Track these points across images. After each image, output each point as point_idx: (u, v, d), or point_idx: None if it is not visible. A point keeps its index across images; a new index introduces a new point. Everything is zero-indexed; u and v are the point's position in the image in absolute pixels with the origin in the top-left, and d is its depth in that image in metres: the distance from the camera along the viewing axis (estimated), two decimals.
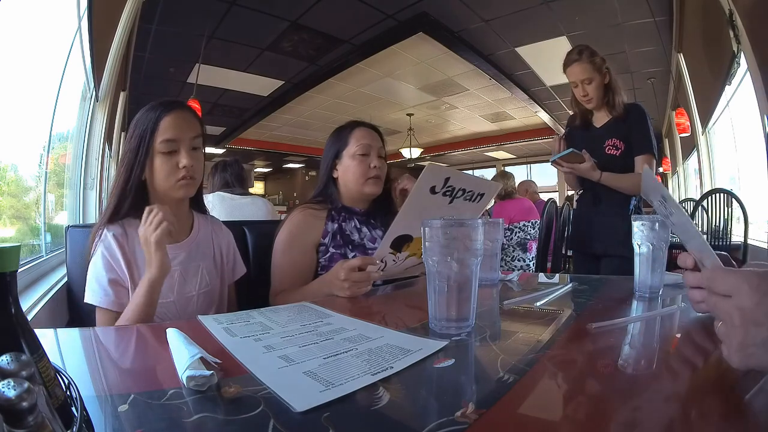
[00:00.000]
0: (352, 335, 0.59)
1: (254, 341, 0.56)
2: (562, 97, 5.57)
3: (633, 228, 0.82)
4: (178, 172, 0.89)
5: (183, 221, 0.99)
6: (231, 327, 0.63)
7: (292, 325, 0.64)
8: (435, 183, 0.85)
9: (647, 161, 1.60)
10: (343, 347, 0.53)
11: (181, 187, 0.90)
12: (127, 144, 0.91)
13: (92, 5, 2.30)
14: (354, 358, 0.49)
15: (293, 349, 0.52)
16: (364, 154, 1.14)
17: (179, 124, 0.90)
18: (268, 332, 0.60)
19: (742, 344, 0.39)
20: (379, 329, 0.62)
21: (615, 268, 1.61)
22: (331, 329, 0.62)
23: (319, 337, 0.58)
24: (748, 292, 0.38)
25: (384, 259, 0.93)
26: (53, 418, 0.25)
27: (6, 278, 0.28)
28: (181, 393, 0.41)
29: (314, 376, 0.44)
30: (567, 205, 3.72)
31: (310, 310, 0.75)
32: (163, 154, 0.89)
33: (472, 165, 10.42)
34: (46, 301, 1.12)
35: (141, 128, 0.89)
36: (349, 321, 0.67)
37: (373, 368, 0.46)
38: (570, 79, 1.66)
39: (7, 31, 1.62)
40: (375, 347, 0.53)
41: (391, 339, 0.57)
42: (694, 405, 0.41)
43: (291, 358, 0.49)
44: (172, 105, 0.91)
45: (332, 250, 1.12)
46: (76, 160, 2.75)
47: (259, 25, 3.83)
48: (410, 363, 0.48)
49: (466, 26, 4.06)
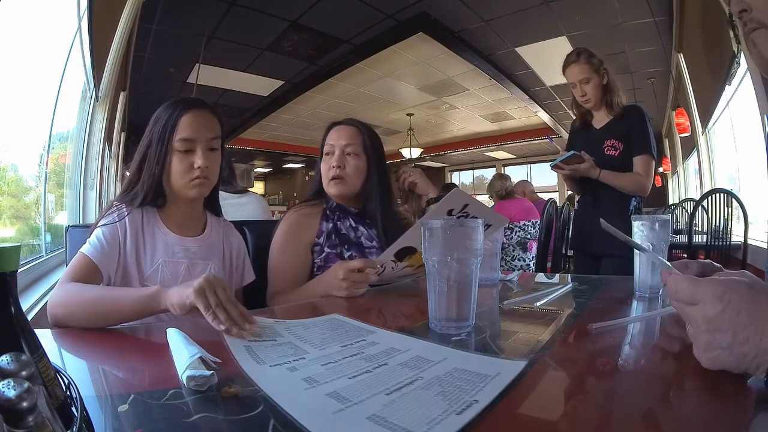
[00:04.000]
0: (409, 358, 0.49)
1: (289, 371, 0.46)
2: (562, 97, 5.57)
3: (633, 228, 0.82)
4: (193, 171, 0.89)
5: (196, 220, 0.99)
6: (256, 348, 0.53)
7: (329, 345, 0.54)
8: (455, 206, 0.88)
9: (646, 161, 1.61)
10: (405, 376, 0.44)
11: (194, 187, 0.90)
12: (145, 138, 0.91)
13: (92, 5, 2.30)
14: (423, 391, 0.40)
15: (343, 382, 0.42)
16: (327, 154, 1.14)
17: (198, 124, 0.90)
18: (303, 357, 0.50)
19: (708, 347, 0.41)
20: (439, 348, 0.53)
21: (615, 268, 1.61)
22: (379, 350, 0.52)
23: (369, 363, 0.48)
24: (712, 301, 0.41)
25: (384, 264, 0.93)
26: (53, 418, 0.25)
27: (6, 278, 0.28)
28: (181, 393, 0.41)
29: (385, 422, 0.34)
30: (567, 205, 3.73)
31: (343, 324, 0.65)
32: (180, 153, 0.89)
33: (472, 165, 10.42)
34: (46, 301, 1.12)
35: (160, 125, 0.89)
36: (397, 338, 0.58)
37: (454, 404, 0.37)
38: (569, 80, 1.69)
39: (8, 31, 1.62)
40: (443, 374, 0.44)
41: (458, 361, 0.48)
42: (693, 405, 0.41)
43: (345, 397, 0.39)
44: (192, 103, 0.91)
45: (327, 250, 1.11)
46: (76, 160, 2.75)
47: (259, 25, 3.83)
48: (496, 393, 0.39)
49: (466, 26, 4.06)
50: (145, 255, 0.89)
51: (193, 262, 0.94)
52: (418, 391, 0.40)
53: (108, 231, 0.86)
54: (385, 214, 1.14)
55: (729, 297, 0.40)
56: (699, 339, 0.43)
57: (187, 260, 0.93)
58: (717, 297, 0.41)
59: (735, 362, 0.40)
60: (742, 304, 0.39)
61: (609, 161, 1.63)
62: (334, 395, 0.39)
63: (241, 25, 3.79)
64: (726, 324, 0.40)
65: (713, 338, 0.41)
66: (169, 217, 0.94)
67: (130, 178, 0.93)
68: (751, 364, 0.39)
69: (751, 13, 0.58)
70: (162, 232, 0.92)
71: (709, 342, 0.41)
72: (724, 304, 0.40)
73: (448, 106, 6.60)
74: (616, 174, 1.62)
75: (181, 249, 0.93)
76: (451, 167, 10.78)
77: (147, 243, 0.90)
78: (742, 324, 0.39)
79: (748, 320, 0.39)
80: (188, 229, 0.96)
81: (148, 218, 0.91)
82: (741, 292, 0.40)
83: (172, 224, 0.94)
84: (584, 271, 1.79)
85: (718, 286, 0.42)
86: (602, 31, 3.91)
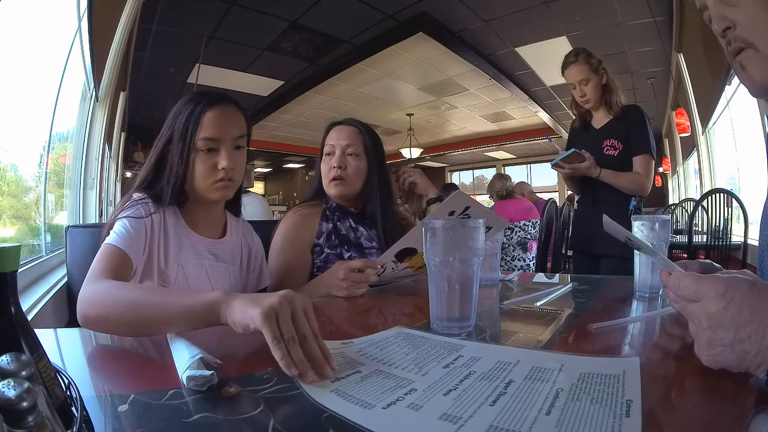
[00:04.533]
0: (529, 370, 0.45)
1: (411, 409, 0.37)
2: (562, 97, 5.57)
3: (633, 228, 0.82)
4: (217, 173, 0.83)
5: (216, 221, 0.94)
6: (345, 387, 0.42)
7: (429, 368, 0.46)
8: (456, 208, 0.88)
9: (646, 161, 1.62)
10: (546, 391, 0.40)
11: (218, 190, 0.85)
12: (164, 134, 0.85)
13: (92, 5, 2.30)
14: (577, 402, 0.37)
15: (489, 413, 0.36)
16: (328, 154, 1.13)
17: (223, 122, 0.83)
18: (412, 388, 0.41)
19: (710, 344, 0.41)
20: (548, 355, 0.49)
21: (615, 269, 1.61)
22: (489, 367, 0.46)
23: (493, 383, 0.42)
24: (714, 297, 0.41)
25: (384, 265, 0.94)
26: (53, 418, 0.25)
27: (6, 278, 0.28)
28: (181, 393, 0.41)
29: None
30: (567, 205, 3.73)
31: (417, 338, 0.57)
32: (203, 152, 0.82)
33: (472, 165, 10.42)
34: (46, 301, 1.12)
35: (181, 121, 0.82)
36: (492, 349, 0.53)
37: (614, 407, 0.36)
38: (568, 80, 1.69)
39: (8, 31, 1.62)
40: (577, 381, 0.42)
41: (578, 365, 0.46)
42: (693, 405, 0.41)
43: (507, 428, 0.34)
44: (216, 99, 0.84)
45: (327, 251, 1.11)
46: (76, 160, 2.75)
47: (259, 25, 3.83)
48: (639, 390, 0.39)
49: (466, 26, 4.07)
50: (167, 253, 0.83)
51: (214, 264, 0.89)
52: (572, 403, 0.37)
53: (135, 222, 0.78)
54: (386, 215, 1.14)
55: (731, 294, 0.40)
56: (700, 336, 0.42)
57: (208, 262, 0.88)
58: (720, 294, 0.41)
59: (736, 360, 0.39)
60: (744, 301, 0.39)
61: (608, 161, 1.64)
62: (495, 429, 0.34)
63: (241, 25, 3.79)
64: (728, 321, 0.39)
65: (715, 335, 0.40)
66: (190, 216, 0.89)
67: (145, 173, 0.86)
68: (752, 362, 0.38)
69: (735, 31, 0.52)
70: (184, 231, 0.87)
71: (711, 339, 0.41)
72: (727, 301, 0.40)
73: (448, 106, 6.61)
74: (616, 173, 1.62)
75: (204, 250, 0.88)
76: (451, 167, 10.78)
77: (170, 241, 0.84)
78: (743, 321, 0.39)
79: (750, 317, 0.38)
80: (209, 229, 0.92)
81: (170, 216, 0.86)
82: (743, 290, 0.40)
83: (193, 224, 0.89)
84: (584, 271, 1.79)
85: (721, 283, 0.41)
86: (602, 31, 3.91)
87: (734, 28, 0.52)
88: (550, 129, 7.18)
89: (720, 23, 0.53)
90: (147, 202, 0.82)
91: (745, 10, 0.51)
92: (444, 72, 5.26)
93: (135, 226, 0.78)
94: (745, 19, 0.51)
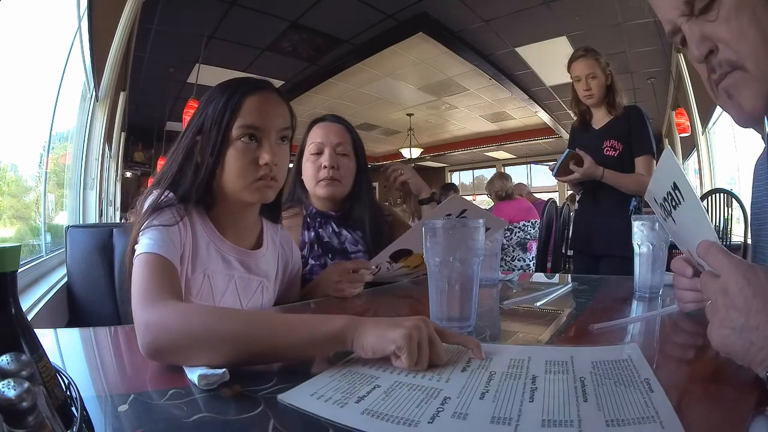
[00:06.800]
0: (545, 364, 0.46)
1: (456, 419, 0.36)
2: (562, 97, 5.57)
3: (633, 228, 0.82)
4: (258, 170, 0.70)
5: (249, 230, 0.81)
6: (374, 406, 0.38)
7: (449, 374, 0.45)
8: (452, 211, 0.88)
9: (648, 162, 1.62)
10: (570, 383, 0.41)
11: (257, 190, 0.71)
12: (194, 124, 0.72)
13: (92, 5, 2.30)
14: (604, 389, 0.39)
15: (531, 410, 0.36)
16: (316, 153, 1.06)
17: (268, 109, 0.71)
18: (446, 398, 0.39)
19: (722, 323, 0.40)
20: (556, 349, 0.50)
21: (615, 269, 1.61)
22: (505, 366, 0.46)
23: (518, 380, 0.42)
24: (735, 275, 0.40)
25: (379, 265, 0.93)
26: (53, 418, 0.25)
27: (6, 278, 0.28)
28: (181, 393, 0.41)
29: (621, 423, 0.33)
30: (567, 205, 3.73)
31: None
32: (241, 144, 0.69)
33: (472, 165, 10.41)
34: (46, 301, 1.12)
35: (215, 106, 0.70)
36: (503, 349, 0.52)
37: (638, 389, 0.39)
38: (574, 73, 1.69)
39: (8, 31, 1.62)
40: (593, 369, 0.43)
41: (588, 355, 0.48)
42: (693, 405, 0.41)
43: (559, 420, 0.34)
44: (258, 84, 0.72)
45: (312, 262, 1.05)
46: (76, 160, 2.76)
47: (259, 25, 3.82)
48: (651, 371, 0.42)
49: (466, 26, 4.06)
50: (194, 259, 0.71)
51: (244, 277, 0.77)
52: (600, 388, 0.39)
53: (168, 230, 0.66)
54: (373, 216, 1.10)
55: (750, 276, 0.39)
56: (714, 315, 0.42)
57: (237, 274, 0.77)
58: (741, 272, 0.40)
59: (741, 349, 0.39)
60: (759, 287, 0.39)
61: (608, 162, 1.63)
62: (549, 423, 0.34)
63: (241, 25, 3.79)
64: (742, 302, 0.39)
65: (728, 314, 0.40)
66: (219, 220, 0.76)
67: (167, 166, 0.73)
68: (755, 356, 0.38)
69: (719, 54, 0.45)
70: (213, 236, 0.74)
71: (723, 318, 0.40)
72: (746, 281, 0.39)
73: (448, 106, 6.60)
74: (619, 174, 1.62)
75: (236, 261, 0.76)
76: (451, 167, 10.77)
77: (199, 247, 0.72)
78: (755, 308, 0.38)
79: (763, 306, 0.38)
80: (243, 237, 0.79)
81: (197, 218, 0.73)
82: (761, 277, 0.39)
83: (224, 230, 0.76)
84: (584, 271, 1.79)
85: (745, 264, 0.41)
86: (602, 31, 3.91)
87: (716, 51, 0.46)
88: (550, 129, 7.18)
89: (701, 47, 0.46)
90: (175, 204, 0.70)
91: (728, 23, 0.44)
92: (444, 72, 5.25)
93: (169, 232, 0.66)
94: (729, 35, 0.44)
